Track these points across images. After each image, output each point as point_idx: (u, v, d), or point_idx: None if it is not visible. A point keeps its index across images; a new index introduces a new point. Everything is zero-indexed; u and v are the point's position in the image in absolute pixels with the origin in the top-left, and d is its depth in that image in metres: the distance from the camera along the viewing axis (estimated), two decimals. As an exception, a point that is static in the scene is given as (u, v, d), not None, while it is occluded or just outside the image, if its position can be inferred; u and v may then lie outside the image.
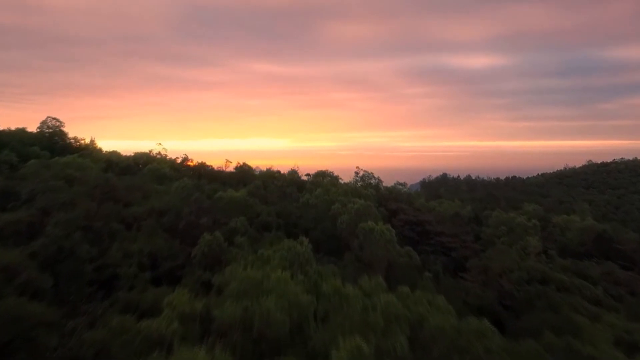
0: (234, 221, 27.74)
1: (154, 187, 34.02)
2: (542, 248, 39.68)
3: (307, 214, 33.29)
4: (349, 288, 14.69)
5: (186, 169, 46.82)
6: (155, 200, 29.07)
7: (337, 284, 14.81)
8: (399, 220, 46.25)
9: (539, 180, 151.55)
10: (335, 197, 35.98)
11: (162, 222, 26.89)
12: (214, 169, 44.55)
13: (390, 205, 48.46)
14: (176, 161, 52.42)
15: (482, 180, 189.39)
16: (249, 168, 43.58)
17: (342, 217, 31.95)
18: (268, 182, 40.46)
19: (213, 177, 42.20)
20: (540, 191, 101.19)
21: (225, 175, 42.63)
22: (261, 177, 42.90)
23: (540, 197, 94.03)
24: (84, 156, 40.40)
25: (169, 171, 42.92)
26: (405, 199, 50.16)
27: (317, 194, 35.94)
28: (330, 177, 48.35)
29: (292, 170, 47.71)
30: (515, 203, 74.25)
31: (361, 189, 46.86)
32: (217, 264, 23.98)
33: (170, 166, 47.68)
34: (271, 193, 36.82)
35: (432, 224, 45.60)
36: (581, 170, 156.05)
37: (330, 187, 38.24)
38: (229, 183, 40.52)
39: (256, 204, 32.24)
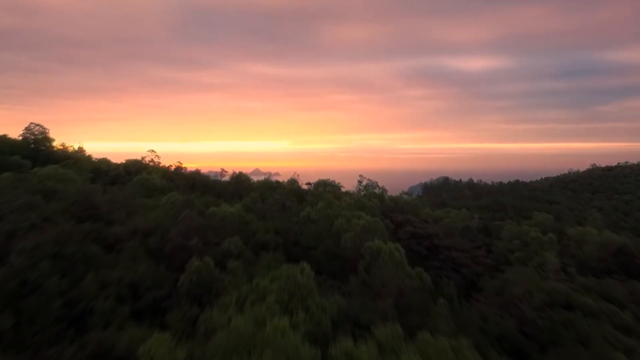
0: (227, 242, 25.00)
1: (142, 202, 31.29)
2: (560, 265, 36.96)
3: (307, 231, 30.57)
4: (361, 350, 11.91)
5: (179, 178, 44.11)
6: (141, 218, 26.32)
7: (348, 346, 12.03)
8: (406, 233, 43.53)
9: (543, 184, 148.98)
10: (338, 211, 33.28)
11: (147, 244, 24.14)
12: (209, 179, 41.82)
13: (395, 217, 45.76)
14: (170, 169, 49.76)
15: (485, 184, 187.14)
16: (245, 178, 40.85)
17: (347, 234, 29.27)
18: (266, 194, 37.76)
19: (207, 188, 39.51)
20: (546, 197, 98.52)
21: (220, 186, 39.92)
22: (259, 187, 40.23)
23: (547, 203, 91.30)
24: (68, 166, 37.72)
25: (161, 181, 40.20)
26: (412, 209, 47.43)
27: (319, 208, 33.24)
28: (332, 185, 45.67)
29: (292, 180, 44.99)
30: (523, 211, 71.57)
31: (365, 199, 44.18)
32: (207, 294, 21.26)
33: (162, 175, 45.00)
34: (269, 207, 34.12)
35: (441, 237, 42.86)
36: (586, 174, 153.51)
37: (332, 199, 35.51)
38: (224, 195, 37.82)
39: (252, 221, 29.50)
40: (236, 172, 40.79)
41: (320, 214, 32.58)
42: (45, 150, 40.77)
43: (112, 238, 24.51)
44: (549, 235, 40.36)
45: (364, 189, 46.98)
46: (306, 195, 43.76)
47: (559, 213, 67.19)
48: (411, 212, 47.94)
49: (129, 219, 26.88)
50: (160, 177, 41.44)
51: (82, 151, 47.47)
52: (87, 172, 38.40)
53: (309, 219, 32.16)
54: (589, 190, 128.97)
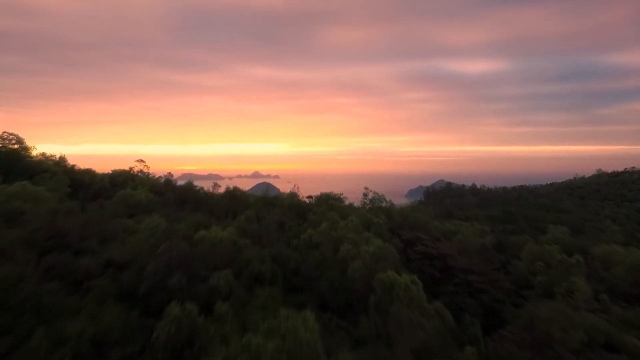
0: (216, 277, 21.24)
1: (123, 223, 27.51)
2: (591, 292, 33.20)
3: (309, 258, 26.80)
4: None
5: (170, 190, 40.35)
6: (117, 247, 22.57)
7: None
8: (416, 252, 39.72)
9: (548, 190, 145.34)
10: (344, 233, 29.54)
11: (121, 281, 20.36)
12: (201, 193, 38.00)
13: (405, 235, 42.02)
14: (160, 179, 45.98)
15: (489, 189, 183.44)
16: (240, 193, 37.05)
17: (354, 263, 25.55)
18: (263, 211, 34.03)
19: (199, 203, 35.74)
20: (555, 205, 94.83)
21: (213, 202, 36.14)
22: (255, 203, 36.49)
23: (557, 212, 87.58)
24: (44, 180, 33.94)
25: (147, 196, 36.42)
26: (422, 225, 43.64)
27: (322, 230, 29.49)
28: (335, 199, 41.93)
29: (292, 193, 41.28)
30: (536, 222, 67.93)
31: (371, 214, 40.44)
32: (189, 347, 17.52)
33: (151, 187, 41.24)
34: (266, 227, 30.36)
35: (455, 257, 39.09)
36: (592, 180, 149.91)
37: (336, 219, 31.78)
38: (218, 211, 34.06)
39: (247, 247, 25.73)
40: (230, 187, 36.87)
41: (324, 237, 28.82)
42: (19, 163, 36.98)
43: (79, 273, 20.76)
44: (576, 257, 36.52)
45: (370, 203, 43.27)
46: (307, 211, 40.00)
47: (575, 225, 63.48)
48: (421, 228, 44.21)
49: (103, 247, 23.11)
50: (147, 191, 37.65)
51: (64, 162, 43.65)
52: (64, 186, 34.61)
53: (310, 243, 28.40)
54: (597, 197, 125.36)
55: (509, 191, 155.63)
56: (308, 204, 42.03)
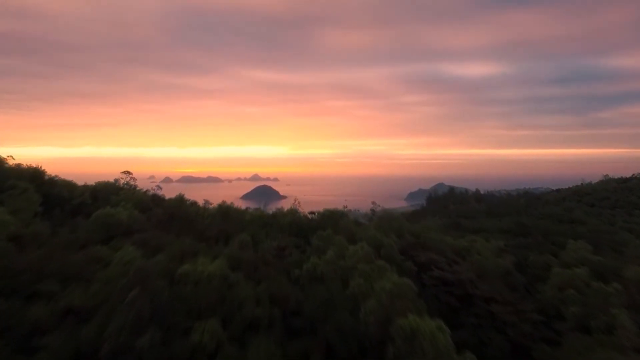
0: (199, 328, 17.18)
1: (95, 253, 23.42)
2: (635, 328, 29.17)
3: (313, 294, 22.72)
4: None
5: (156, 209, 36.30)
6: (79, 291, 18.51)
7: None
8: (431, 277, 35.61)
9: (555, 197, 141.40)
10: (354, 262, 25.50)
11: (80, 338, 16.29)
12: (190, 211, 33.83)
13: (418, 257, 38.01)
14: (148, 193, 41.88)
15: (493, 195, 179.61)
16: (234, 212, 32.91)
17: (368, 303, 21.54)
18: (260, 233, 30.00)
19: (188, 223, 31.68)
20: (566, 215, 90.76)
21: (204, 221, 32.06)
22: (251, 222, 32.42)
23: (569, 223, 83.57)
24: (11, 198, 29.89)
25: (130, 215, 32.38)
26: (436, 244, 39.56)
27: (328, 259, 25.43)
28: (342, 215, 37.92)
29: (292, 209, 37.27)
30: (551, 235, 63.91)
31: (380, 233, 36.37)
32: None
33: (135, 203, 37.19)
34: (263, 254, 26.30)
35: (475, 283, 35.05)
36: (600, 186, 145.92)
37: (344, 244, 27.73)
38: (208, 234, 29.99)
39: (239, 284, 21.65)
40: (224, 205, 32.70)
41: (330, 268, 24.75)
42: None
43: (29, 325, 16.74)
44: (614, 286, 32.44)
45: (378, 220, 39.27)
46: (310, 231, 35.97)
47: (593, 239, 59.38)
48: (434, 247, 40.14)
49: (64, 289, 19.02)
50: (131, 208, 33.59)
51: (40, 173, 39.52)
52: (35, 205, 30.56)
53: (314, 275, 24.32)
54: (606, 204, 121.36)
55: (515, 198, 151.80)
56: (311, 221, 38.02)
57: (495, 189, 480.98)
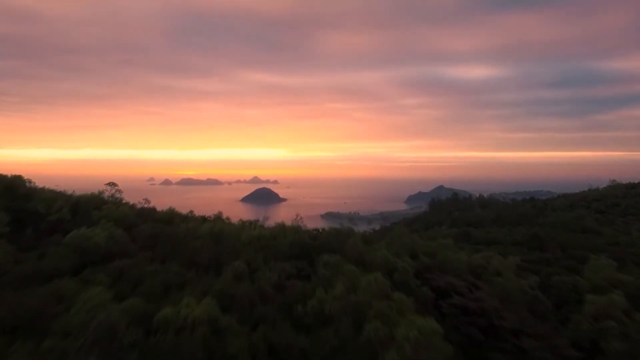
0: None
1: (57, 290, 19.59)
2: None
3: (320, 342, 18.91)
4: None
5: (143, 227, 32.49)
6: (24, 350, 14.68)
7: None
8: (451, 306, 31.78)
9: (562, 203, 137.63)
10: (368, 297, 21.70)
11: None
12: (179, 232, 29.90)
13: (435, 280, 34.22)
14: (134, 207, 38.06)
15: (497, 201, 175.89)
16: (229, 232, 28.88)
17: (387, 355, 17.79)
18: (257, 259, 26.17)
19: (175, 246, 27.85)
20: (580, 224, 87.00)
21: (194, 244, 28.15)
22: (248, 244, 28.57)
23: (582, 232, 79.80)
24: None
25: (112, 235, 28.58)
26: (454, 265, 35.73)
27: (338, 294, 21.64)
28: (349, 233, 34.14)
29: (294, 227, 33.46)
30: (569, 248, 60.12)
31: (392, 255, 32.57)
32: None
33: (118, 221, 33.42)
34: (261, 287, 22.49)
35: (501, 313, 31.20)
36: (608, 192, 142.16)
37: (355, 274, 23.93)
38: (198, 259, 26.16)
39: (231, 329, 17.85)
40: (217, 225, 28.81)
41: (339, 305, 20.94)
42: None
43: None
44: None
45: (390, 238, 35.48)
46: (314, 252, 32.25)
47: (615, 252, 55.59)
48: (452, 268, 36.33)
49: (9, 345, 15.19)
50: (112, 227, 29.76)
51: (18, 184, 35.80)
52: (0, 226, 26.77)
53: (321, 315, 20.49)
54: (617, 211, 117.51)
55: (521, 203, 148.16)
56: (315, 240, 34.24)
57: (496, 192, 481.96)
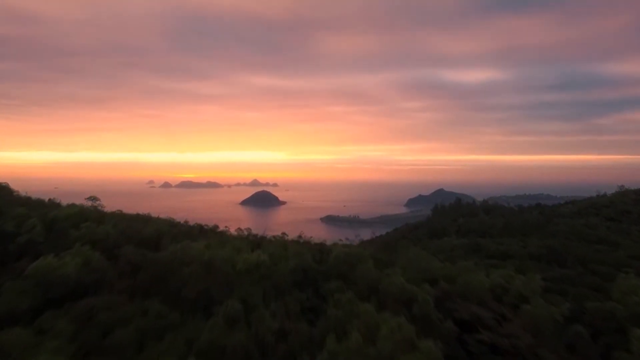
0: None
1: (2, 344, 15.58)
2: None
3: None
4: None
5: (125, 249, 28.39)
6: None
7: None
8: (479, 343, 27.71)
9: (571, 210, 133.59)
10: (390, 349, 17.68)
11: None
12: (164, 261, 25.69)
13: (458, 311, 30.16)
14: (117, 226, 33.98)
15: (501, 206, 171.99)
16: (223, 257, 24.52)
17: None
18: (254, 294, 22.12)
19: (160, 278, 23.80)
20: (594, 234, 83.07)
21: (183, 275, 24.03)
22: (243, 274, 24.51)
23: (597, 243, 75.77)
24: None
25: (87, 262, 24.55)
26: (477, 291, 31.66)
27: (352, 345, 17.63)
28: (360, 258, 30.12)
29: (299, 253, 29.46)
30: (590, 263, 56.10)
31: (409, 281, 28.56)
32: None
33: (98, 243, 29.42)
34: (259, 335, 18.47)
35: (537, 350, 27.15)
36: (617, 198, 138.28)
37: (372, 317, 19.89)
38: (185, 294, 22.13)
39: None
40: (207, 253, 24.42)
41: (357, 357, 16.93)
42: None
43: None
44: None
45: (406, 261, 31.50)
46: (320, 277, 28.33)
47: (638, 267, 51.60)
48: (475, 294, 32.29)
49: None
50: (89, 251, 25.74)
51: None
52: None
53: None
54: (629, 219, 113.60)
55: (527, 210, 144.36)
56: (320, 264, 30.24)
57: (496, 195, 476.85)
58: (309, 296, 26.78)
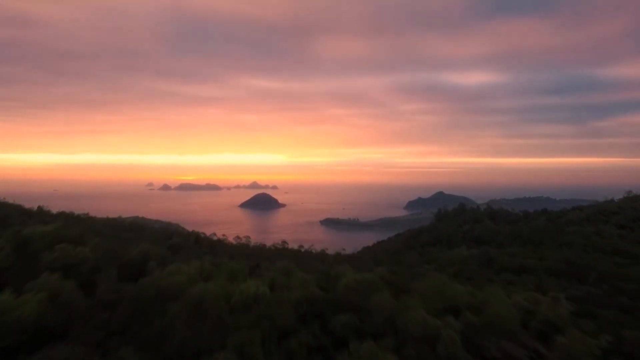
0: None
1: None
2: None
3: None
4: None
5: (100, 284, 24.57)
6: None
7: None
8: (515, 390, 23.97)
9: (579, 216, 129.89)
10: None
11: None
12: (146, 297, 21.81)
13: (488, 350, 26.34)
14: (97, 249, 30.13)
15: (506, 212, 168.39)
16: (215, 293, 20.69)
17: None
18: (252, 345, 18.30)
19: (139, 322, 19.98)
20: (609, 243, 79.45)
21: (169, 314, 20.13)
22: (238, 313, 20.77)
23: (614, 254, 72.09)
24: None
25: (53, 295, 20.75)
26: (506, 323, 27.80)
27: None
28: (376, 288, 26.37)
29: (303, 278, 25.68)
30: (614, 279, 52.34)
31: (433, 318, 24.76)
32: None
33: (77, 263, 25.67)
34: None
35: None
36: (626, 204, 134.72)
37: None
38: (164, 348, 18.31)
39: None
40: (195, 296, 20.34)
41: None
42: None
43: None
44: None
45: (425, 287, 27.72)
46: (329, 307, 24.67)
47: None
48: (503, 327, 28.54)
49: None
50: (56, 284, 21.93)
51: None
52: None
53: None
54: (639, 227, 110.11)
55: (533, 216, 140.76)
56: (328, 293, 26.47)
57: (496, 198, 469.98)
58: (316, 333, 23.03)
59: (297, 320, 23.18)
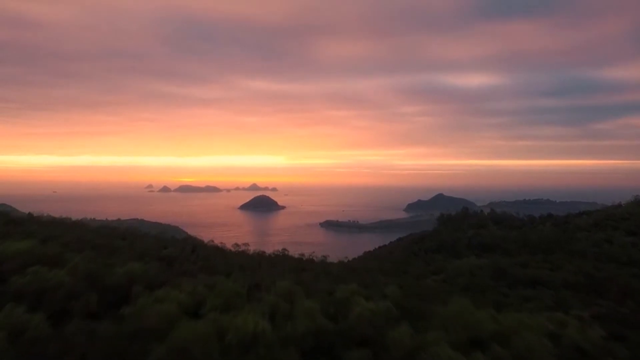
0: None
1: None
2: None
3: None
4: None
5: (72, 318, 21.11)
6: None
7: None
8: None
9: (587, 222, 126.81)
10: None
11: None
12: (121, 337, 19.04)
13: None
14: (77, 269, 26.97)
15: (511, 216, 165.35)
16: (205, 333, 18.23)
17: None
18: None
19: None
20: (624, 253, 76.23)
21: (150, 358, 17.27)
22: (233, 353, 17.95)
23: (629, 264, 68.90)
24: None
25: (16, 331, 17.28)
26: (537, 357, 24.68)
27: None
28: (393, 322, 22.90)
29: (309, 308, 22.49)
30: (635, 295, 49.20)
31: (457, 354, 21.64)
32: None
33: (52, 288, 22.13)
34: None
35: None
36: (636, 210, 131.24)
37: None
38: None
39: None
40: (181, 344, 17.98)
41: None
42: None
43: None
44: None
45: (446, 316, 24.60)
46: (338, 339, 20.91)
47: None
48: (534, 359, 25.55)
49: None
50: (22, 318, 18.50)
51: None
52: None
53: None
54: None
55: (539, 221, 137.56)
56: (338, 324, 23.06)
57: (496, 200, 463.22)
58: (325, 372, 19.64)
59: (302, 359, 19.98)
